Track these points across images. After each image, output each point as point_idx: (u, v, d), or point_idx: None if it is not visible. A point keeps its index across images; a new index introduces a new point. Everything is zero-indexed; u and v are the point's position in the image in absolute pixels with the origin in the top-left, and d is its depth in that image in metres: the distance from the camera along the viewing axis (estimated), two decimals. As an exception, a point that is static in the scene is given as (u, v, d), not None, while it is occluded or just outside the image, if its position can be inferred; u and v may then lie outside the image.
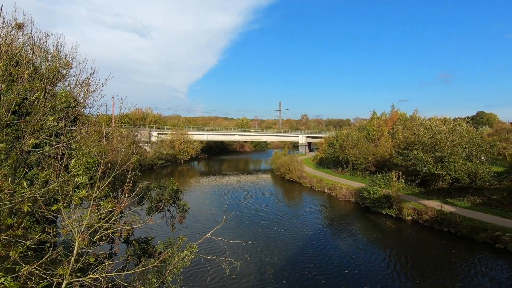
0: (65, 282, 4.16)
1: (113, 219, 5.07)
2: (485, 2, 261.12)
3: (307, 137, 78.81)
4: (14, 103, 4.88)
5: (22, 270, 3.71)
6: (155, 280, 6.68)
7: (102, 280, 4.47)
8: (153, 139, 66.56)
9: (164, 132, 68.83)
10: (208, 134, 75.39)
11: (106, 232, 5.12)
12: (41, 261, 3.95)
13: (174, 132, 67.33)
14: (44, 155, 5.78)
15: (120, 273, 5.11)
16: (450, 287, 14.63)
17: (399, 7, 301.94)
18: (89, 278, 4.31)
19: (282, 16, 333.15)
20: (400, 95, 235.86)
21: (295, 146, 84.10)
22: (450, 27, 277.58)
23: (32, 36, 8.96)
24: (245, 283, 14.75)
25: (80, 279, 4.30)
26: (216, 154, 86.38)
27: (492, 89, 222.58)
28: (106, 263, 4.72)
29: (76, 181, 5.62)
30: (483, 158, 30.30)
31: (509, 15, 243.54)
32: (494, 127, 68.30)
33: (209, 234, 8.58)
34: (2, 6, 4.97)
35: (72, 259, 4.34)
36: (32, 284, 3.80)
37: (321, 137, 69.00)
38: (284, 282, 14.96)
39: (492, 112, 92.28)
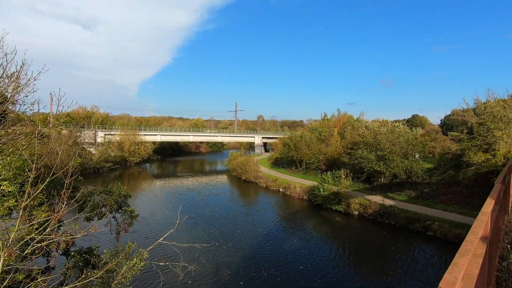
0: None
1: (48, 229, 4.56)
2: (416, 17, 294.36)
3: (263, 137, 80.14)
4: None
5: None
6: (100, 293, 6.16)
7: (35, 298, 3.98)
8: (99, 140, 61.51)
9: (112, 133, 64.06)
10: (161, 135, 72.15)
11: (40, 244, 4.58)
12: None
13: (123, 133, 63.05)
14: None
15: (58, 288, 4.61)
16: (391, 273, 16.14)
17: (351, 12, 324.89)
18: (17, 298, 3.81)
19: (237, 17, 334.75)
20: (348, 98, 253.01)
21: (251, 146, 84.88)
22: (390, 36, 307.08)
23: None
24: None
25: (7, 300, 3.77)
26: (170, 155, 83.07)
27: (424, 95, 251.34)
28: (39, 279, 4.22)
29: (2, 189, 4.92)
30: (417, 156, 34.03)
31: (435, 29, 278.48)
32: (426, 128, 77.34)
33: (161, 239, 8.21)
34: None
35: (-4, 278, 3.79)
36: None
37: (276, 138, 70.73)
38: (242, 283, 14.99)
39: (424, 115, 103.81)
